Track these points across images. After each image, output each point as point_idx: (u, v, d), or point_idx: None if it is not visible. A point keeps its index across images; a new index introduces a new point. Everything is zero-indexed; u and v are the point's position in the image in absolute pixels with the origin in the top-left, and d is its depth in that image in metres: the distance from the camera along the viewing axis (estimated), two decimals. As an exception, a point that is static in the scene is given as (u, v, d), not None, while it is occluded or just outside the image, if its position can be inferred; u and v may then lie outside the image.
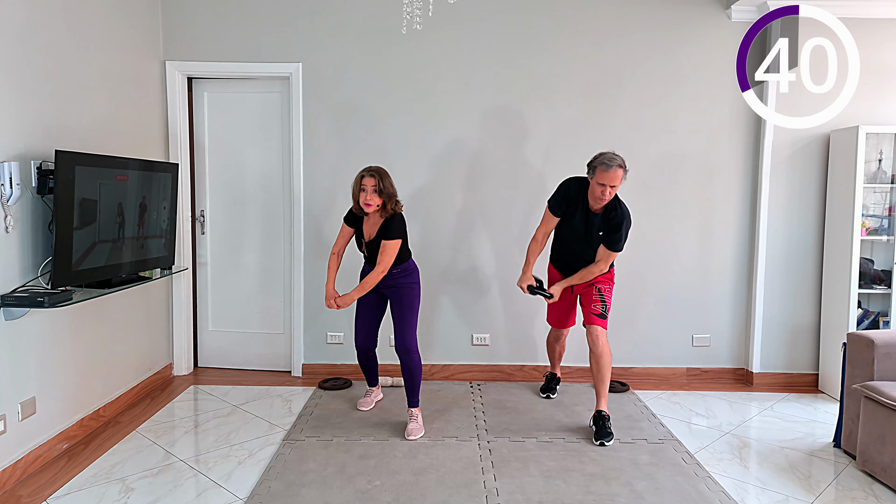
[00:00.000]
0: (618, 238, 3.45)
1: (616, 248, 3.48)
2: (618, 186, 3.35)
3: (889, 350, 3.19)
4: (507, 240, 4.45)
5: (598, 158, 3.36)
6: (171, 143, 4.41)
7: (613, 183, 3.32)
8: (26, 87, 3.03)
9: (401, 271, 3.55)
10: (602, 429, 3.43)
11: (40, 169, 3.02)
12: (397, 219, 3.45)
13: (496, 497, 2.82)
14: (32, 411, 3.08)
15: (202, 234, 4.66)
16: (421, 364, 3.58)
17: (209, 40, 4.38)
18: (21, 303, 2.86)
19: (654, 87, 4.39)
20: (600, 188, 3.34)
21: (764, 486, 2.99)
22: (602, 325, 3.54)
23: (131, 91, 3.99)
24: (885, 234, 4.20)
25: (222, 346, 4.72)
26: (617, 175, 3.30)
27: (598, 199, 3.38)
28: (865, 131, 4.00)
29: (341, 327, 4.53)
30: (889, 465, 2.93)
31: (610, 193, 3.36)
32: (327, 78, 4.39)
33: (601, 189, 3.34)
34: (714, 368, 4.57)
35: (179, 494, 2.86)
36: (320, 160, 4.43)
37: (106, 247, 3.35)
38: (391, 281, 3.55)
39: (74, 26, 3.41)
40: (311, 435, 3.49)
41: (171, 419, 3.76)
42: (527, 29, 4.36)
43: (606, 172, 3.30)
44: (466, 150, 4.43)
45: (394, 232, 3.42)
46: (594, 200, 3.44)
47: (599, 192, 3.35)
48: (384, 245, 3.42)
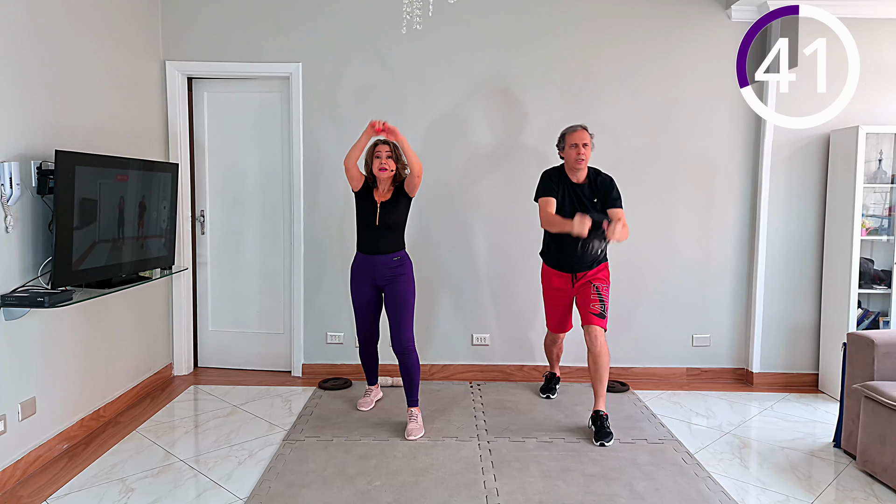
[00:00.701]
0: (616, 195, 3.57)
1: (620, 204, 3.56)
2: (590, 145, 3.53)
3: (889, 350, 3.19)
4: (507, 239, 4.45)
5: (563, 131, 3.63)
6: (171, 142, 4.41)
7: (584, 140, 3.51)
8: (26, 87, 3.03)
9: (399, 258, 3.57)
10: (601, 429, 3.43)
11: (40, 169, 3.01)
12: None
13: (496, 497, 2.82)
14: (32, 411, 3.08)
15: (202, 234, 4.66)
16: (419, 362, 3.58)
17: (209, 40, 4.38)
18: (21, 303, 2.86)
19: (654, 87, 4.39)
20: (574, 150, 3.51)
21: (764, 486, 2.99)
22: (601, 324, 3.54)
23: (131, 91, 3.99)
24: (885, 233, 4.20)
25: (222, 346, 4.72)
26: (584, 134, 3.53)
27: (577, 162, 3.52)
28: (865, 131, 4.00)
29: (341, 327, 4.53)
30: (889, 466, 2.93)
31: (585, 153, 3.51)
32: (327, 78, 4.39)
33: (576, 151, 3.51)
34: (714, 368, 4.57)
35: (179, 495, 2.86)
36: (320, 160, 4.43)
37: (106, 247, 3.35)
38: (388, 271, 3.55)
39: (74, 26, 3.41)
40: (311, 435, 3.49)
41: (171, 419, 3.76)
42: (526, 29, 4.36)
43: (573, 133, 3.54)
44: (466, 150, 4.43)
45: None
46: (574, 169, 3.57)
47: (575, 154, 3.51)
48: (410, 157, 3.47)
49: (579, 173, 3.58)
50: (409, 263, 3.62)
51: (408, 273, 3.59)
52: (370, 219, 3.53)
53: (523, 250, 4.39)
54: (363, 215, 3.56)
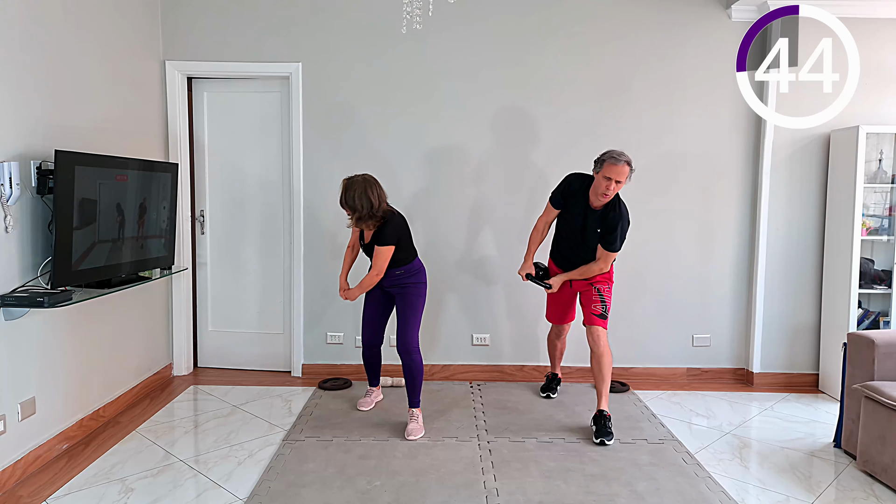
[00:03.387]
0: (613, 238, 3.46)
1: (612, 249, 3.48)
2: (622, 183, 3.37)
3: (889, 350, 3.19)
4: (509, 239, 4.44)
5: (607, 153, 3.41)
6: (171, 142, 4.41)
7: (619, 178, 3.34)
8: (26, 87, 3.02)
9: (403, 272, 3.55)
10: (602, 428, 3.42)
11: (40, 169, 3.01)
12: (392, 224, 3.43)
13: (496, 497, 2.82)
14: (32, 411, 3.08)
15: (202, 234, 4.66)
16: (422, 365, 3.58)
17: (209, 40, 4.37)
18: (21, 303, 2.86)
19: (654, 87, 4.39)
20: (605, 182, 3.36)
21: (764, 486, 2.99)
22: (602, 325, 3.55)
23: (131, 91, 3.99)
24: (885, 233, 4.20)
25: (222, 346, 4.72)
26: (624, 171, 3.34)
27: (602, 194, 3.39)
28: (866, 131, 4.00)
29: (341, 327, 4.53)
30: (889, 466, 2.93)
31: (614, 189, 3.37)
32: (327, 78, 4.39)
33: (606, 183, 3.35)
34: (714, 368, 4.57)
35: (179, 495, 2.86)
36: (320, 160, 4.43)
37: (106, 247, 3.35)
38: (395, 281, 3.55)
39: (74, 26, 3.40)
40: (311, 435, 3.48)
41: (171, 419, 3.76)
42: (526, 29, 4.36)
43: (614, 166, 3.33)
44: (467, 150, 4.42)
45: (386, 238, 3.42)
46: (596, 196, 3.44)
47: (604, 187, 3.36)
48: (377, 250, 3.44)
49: (600, 202, 3.47)
50: (420, 272, 3.61)
51: (420, 282, 3.60)
52: (366, 250, 3.60)
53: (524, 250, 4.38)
54: (362, 245, 3.63)
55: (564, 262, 3.71)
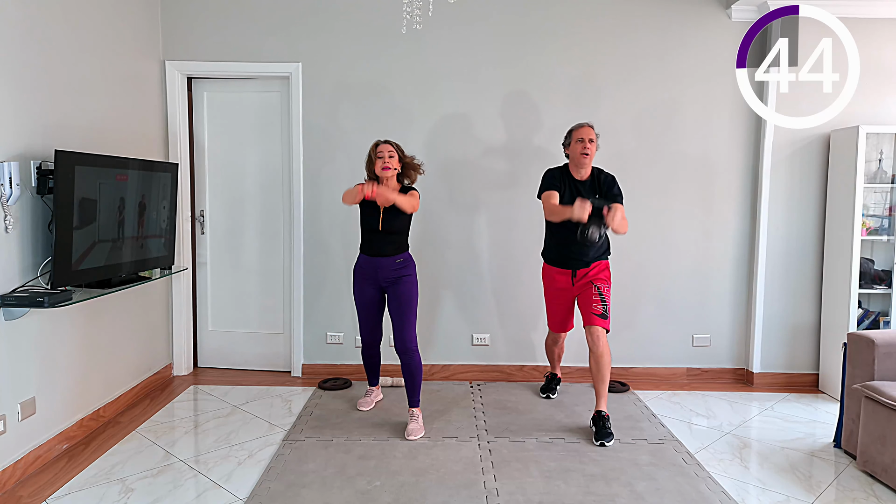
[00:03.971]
0: (618, 190, 3.59)
1: (621, 200, 3.57)
2: (595, 142, 3.56)
3: (889, 350, 3.19)
4: (508, 240, 4.44)
5: (569, 129, 3.66)
6: (171, 142, 4.41)
7: (590, 136, 3.55)
8: (26, 87, 3.02)
9: (403, 260, 3.57)
10: (602, 429, 3.42)
11: (40, 169, 3.01)
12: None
13: (496, 498, 2.82)
14: (32, 411, 3.08)
15: (202, 234, 4.66)
16: (421, 363, 3.58)
17: (209, 40, 4.37)
18: (21, 303, 2.86)
19: (654, 87, 4.39)
20: (580, 145, 3.54)
21: (764, 486, 2.99)
22: (603, 325, 3.54)
23: (131, 91, 3.99)
24: (885, 233, 4.20)
25: (222, 346, 4.72)
26: (590, 130, 3.57)
27: (581, 157, 3.54)
28: (866, 131, 4.00)
29: (341, 327, 4.53)
30: (890, 466, 2.93)
31: (590, 147, 3.54)
32: (327, 78, 4.39)
33: (581, 146, 3.54)
34: (714, 368, 4.57)
35: (179, 495, 2.86)
36: (320, 160, 4.43)
37: (106, 247, 3.35)
38: (391, 272, 3.54)
39: (74, 26, 3.40)
40: (311, 435, 3.48)
41: (171, 419, 3.76)
42: (525, 29, 4.36)
43: (581, 128, 3.57)
44: (467, 150, 4.42)
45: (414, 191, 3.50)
46: (578, 165, 3.59)
47: (581, 149, 3.54)
48: (412, 193, 3.46)
49: (583, 170, 3.59)
50: (412, 265, 3.61)
51: (411, 274, 3.58)
52: (373, 223, 3.51)
53: (524, 251, 4.39)
54: (366, 220, 3.55)
55: (558, 257, 3.70)
